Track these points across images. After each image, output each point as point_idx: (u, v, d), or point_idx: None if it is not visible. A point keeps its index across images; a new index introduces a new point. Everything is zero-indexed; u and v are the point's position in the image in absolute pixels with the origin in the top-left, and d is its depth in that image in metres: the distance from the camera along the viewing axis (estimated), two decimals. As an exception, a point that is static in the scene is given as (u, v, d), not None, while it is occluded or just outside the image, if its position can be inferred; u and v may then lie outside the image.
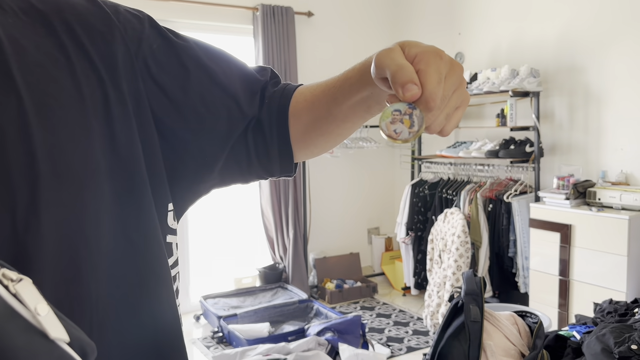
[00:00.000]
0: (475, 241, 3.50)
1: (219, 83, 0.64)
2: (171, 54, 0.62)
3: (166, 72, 0.60)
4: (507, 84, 3.47)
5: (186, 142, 0.62)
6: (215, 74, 0.64)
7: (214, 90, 0.64)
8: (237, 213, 4.56)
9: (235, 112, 0.65)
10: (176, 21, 3.94)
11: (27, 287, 0.33)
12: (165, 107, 0.60)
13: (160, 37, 0.63)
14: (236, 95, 0.65)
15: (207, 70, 0.64)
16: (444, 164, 4.10)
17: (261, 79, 0.69)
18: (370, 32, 4.77)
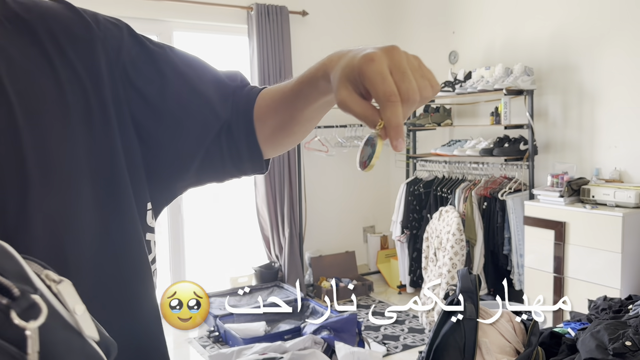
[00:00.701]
0: (470, 239, 3.52)
1: (194, 88, 0.67)
2: (149, 61, 0.65)
3: (144, 78, 0.63)
4: (501, 83, 3.48)
5: (164, 144, 0.64)
6: (190, 80, 0.68)
7: (190, 95, 0.67)
8: (232, 212, 4.55)
9: (209, 115, 0.68)
10: (170, 21, 3.93)
11: (67, 288, 0.37)
12: (144, 112, 0.62)
13: (138, 45, 0.65)
14: (210, 100, 0.68)
15: (183, 76, 0.67)
16: (438, 162, 4.11)
17: (231, 83, 0.72)
18: (364, 31, 4.77)
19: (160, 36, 3.93)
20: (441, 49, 4.38)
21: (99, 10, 0.67)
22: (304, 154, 4.44)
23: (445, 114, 4.15)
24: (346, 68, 0.56)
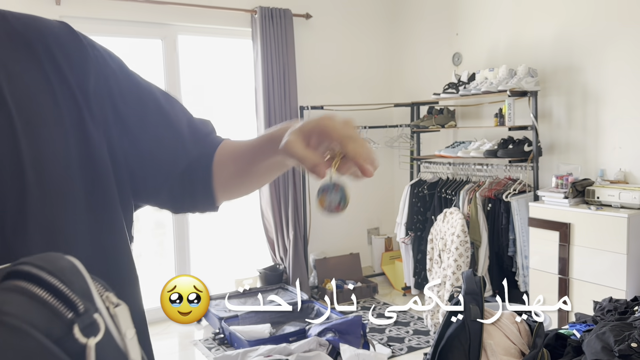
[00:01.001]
0: (474, 241, 3.51)
1: (170, 124, 0.73)
2: (135, 91, 0.70)
3: (129, 107, 0.68)
4: (505, 84, 3.48)
5: (133, 169, 0.69)
6: (168, 116, 0.73)
7: (166, 129, 0.72)
8: (237, 214, 4.56)
9: (180, 151, 0.73)
10: (175, 24, 3.95)
11: (122, 312, 0.40)
12: (123, 137, 0.67)
13: (128, 77, 0.71)
14: (183, 137, 0.74)
15: (162, 111, 0.73)
16: (442, 164, 4.11)
17: (203, 128, 0.78)
18: (368, 34, 4.78)
19: (165, 40, 3.95)
20: (445, 51, 4.38)
21: (107, 14, 0.70)
22: (308, 156, 4.44)
23: (449, 115, 4.15)
24: (304, 124, 0.62)
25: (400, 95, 4.80)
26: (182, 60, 4.04)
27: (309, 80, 4.45)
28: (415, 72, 4.72)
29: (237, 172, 0.76)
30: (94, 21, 3.61)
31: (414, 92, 4.62)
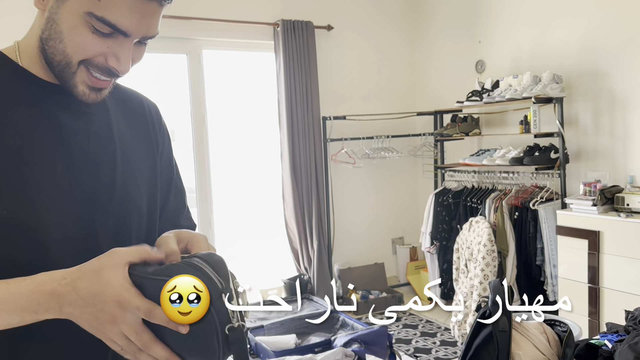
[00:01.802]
0: (501, 250, 3.47)
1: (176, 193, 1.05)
2: (171, 158, 1.03)
3: (166, 169, 1.01)
4: (529, 91, 3.45)
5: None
6: (177, 185, 1.05)
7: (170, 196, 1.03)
8: (261, 225, 4.60)
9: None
10: (200, 39, 4.02)
11: (243, 294, 0.74)
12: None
13: (171, 149, 1.03)
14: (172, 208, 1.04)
15: (177, 190, 1.05)
16: (467, 172, 4.07)
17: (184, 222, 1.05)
18: (390, 43, 4.79)
19: (190, 54, 4.03)
20: (468, 59, 4.36)
21: None
22: (331, 166, 4.47)
23: (473, 123, 4.12)
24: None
25: (423, 104, 4.79)
26: (207, 73, 4.11)
27: (331, 91, 4.48)
28: (438, 80, 4.70)
29: None
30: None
31: (436, 101, 4.60)
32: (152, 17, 0.79)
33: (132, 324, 0.67)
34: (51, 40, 0.78)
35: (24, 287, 0.68)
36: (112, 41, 0.77)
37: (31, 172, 0.77)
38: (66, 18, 0.76)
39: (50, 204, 0.77)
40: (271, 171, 4.46)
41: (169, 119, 3.97)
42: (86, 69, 0.79)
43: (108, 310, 0.67)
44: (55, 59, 0.78)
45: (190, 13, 3.85)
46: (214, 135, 4.18)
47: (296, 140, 4.22)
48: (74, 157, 0.82)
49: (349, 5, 4.56)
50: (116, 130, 0.89)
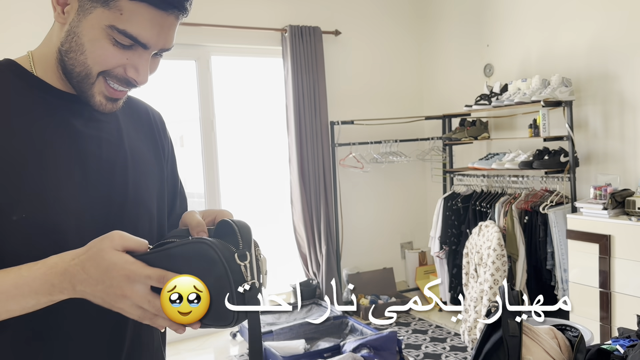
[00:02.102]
0: (511, 254, 3.45)
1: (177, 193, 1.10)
2: (175, 165, 1.08)
3: (171, 176, 1.05)
4: (538, 94, 3.44)
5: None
6: (182, 192, 1.10)
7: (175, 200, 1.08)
8: (270, 230, 4.60)
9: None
10: (208, 45, 4.04)
11: (263, 261, 0.80)
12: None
13: (174, 157, 1.08)
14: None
15: (182, 197, 1.10)
16: (476, 177, 4.06)
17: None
18: (397, 48, 4.80)
19: (199, 60, 4.05)
20: (476, 62, 4.36)
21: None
22: (339, 171, 4.46)
23: (482, 127, 4.11)
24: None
25: (431, 108, 4.78)
26: (215, 79, 4.13)
27: (339, 96, 4.48)
28: (446, 84, 4.70)
29: None
30: (131, 44, 3.73)
31: (445, 105, 4.59)
32: (169, 30, 0.83)
33: (143, 294, 0.69)
34: (72, 52, 0.81)
35: (36, 271, 0.71)
36: (132, 53, 0.81)
37: (49, 176, 0.80)
38: (88, 31, 0.79)
39: (69, 206, 0.81)
40: (279, 176, 4.47)
41: (178, 124, 4.01)
42: (104, 80, 0.82)
43: (117, 285, 0.69)
44: (75, 70, 0.82)
45: (198, 20, 3.87)
46: (223, 140, 4.20)
47: (304, 145, 4.22)
48: (89, 162, 0.86)
49: (357, 10, 4.57)
50: (126, 137, 0.94)
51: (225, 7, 4.01)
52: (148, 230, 0.93)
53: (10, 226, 0.76)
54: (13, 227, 0.76)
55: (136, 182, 0.92)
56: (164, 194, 1.00)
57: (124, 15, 0.78)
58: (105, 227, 0.84)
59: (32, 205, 0.78)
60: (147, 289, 0.70)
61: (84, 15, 0.79)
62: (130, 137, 0.95)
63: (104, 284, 0.69)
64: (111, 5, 0.78)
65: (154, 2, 0.78)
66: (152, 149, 1.00)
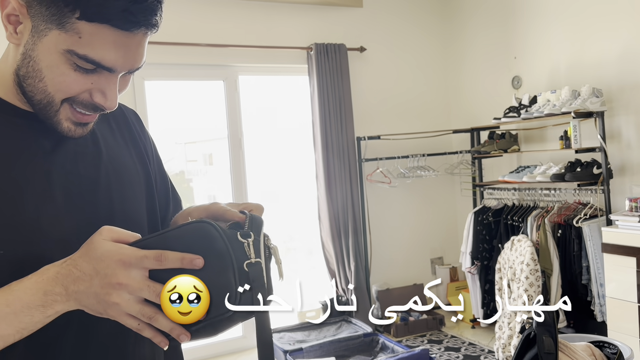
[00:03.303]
0: (545, 269, 3.37)
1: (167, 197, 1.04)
2: (162, 164, 1.02)
3: (160, 177, 0.99)
4: (568, 106, 3.38)
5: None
6: (175, 194, 1.05)
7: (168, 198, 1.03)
8: (298, 246, 4.61)
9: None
10: (236, 65, 4.11)
11: (275, 250, 0.78)
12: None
13: (159, 155, 1.02)
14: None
15: (165, 183, 1.03)
16: (507, 190, 3.99)
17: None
18: (423, 62, 4.79)
19: (227, 80, 4.12)
20: (503, 75, 4.32)
21: (173, 59, 1.26)
22: (367, 186, 4.45)
23: (512, 139, 4.05)
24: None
25: (458, 121, 4.75)
26: (243, 98, 4.19)
27: (366, 111, 4.49)
28: (474, 97, 4.66)
29: None
30: (162, 66, 3.83)
31: (472, 118, 4.55)
32: (137, 49, 0.74)
33: (140, 279, 0.65)
34: (29, 78, 0.73)
35: (27, 281, 0.66)
36: (97, 77, 0.73)
37: (25, 205, 0.73)
38: (44, 56, 0.71)
39: (50, 234, 0.74)
40: (307, 192, 4.48)
41: (207, 143, 4.07)
42: (70, 106, 0.74)
43: (111, 273, 0.64)
44: (36, 97, 0.74)
45: (226, 41, 3.95)
46: (251, 158, 4.25)
47: (331, 161, 4.23)
48: (68, 183, 0.78)
49: (381, 27, 4.59)
50: (104, 146, 0.86)
51: (252, 28, 4.08)
52: None
53: None
54: None
55: (122, 196, 0.85)
56: (154, 200, 0.93)
57: (83, 38, 0.69)
58: None
59: (10, 240, 0.70)
60: (144, 273, 0.65)
61: (38, 38, 0.70)
62: (108, 146, 0.87)
63: (98, 275, 0.64)
64: (67, 28, 0.68)
65: (116, 23, 0.69)
66: (134, 153, 0.91)
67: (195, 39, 3.86)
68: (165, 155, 4.37)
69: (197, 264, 0.66)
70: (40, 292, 0.65)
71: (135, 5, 0.69)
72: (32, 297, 0.65)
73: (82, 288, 0.65)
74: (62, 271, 0.66)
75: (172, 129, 4.25)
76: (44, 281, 0.66)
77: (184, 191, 4.61)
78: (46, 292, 0.65)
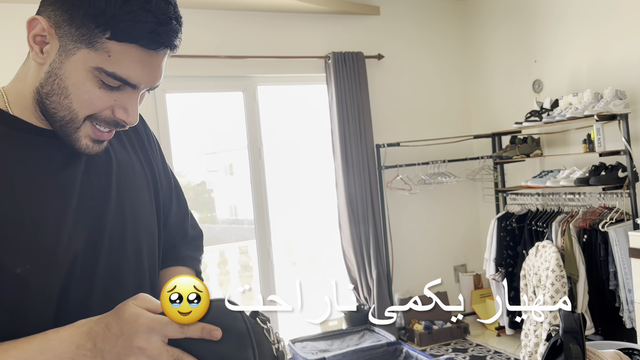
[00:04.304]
0: (571, 275, 3.30)
1: (179, 206, 1.08)
2: (166, 165, 1.05)
3: (166, 178, 1.03)
4: (591, 108, 3.32)
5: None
6: (179, 194, 1.08)
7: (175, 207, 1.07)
8: (319, 254, 4.60)
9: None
10: (255, 76, 4.15)
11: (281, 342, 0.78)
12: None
13: (164, 156, 1.05)
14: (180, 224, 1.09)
15: (178, 192, 1.07)
16: (530, 195, 3.93)
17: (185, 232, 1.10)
18: (442, 68, 4.77)
19: (246, 91, 4.16)
20: (523, 79, 4.27)
21: (193, 72, 1.38)
22: (387, 194, 4.43)
23: (534, 144, 4.00)
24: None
25: (479, 127, 4.70)
26: (262, 108, 4.22)
27: (385, 118, 4.48)
28: (494, 102, 4.62)
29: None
30: (181, 79, 3.88)
31: (493, 123, 4.51)
32: (159, 67, 0.79)
33: (160, 345, 0.67)
34: (54, 95, 0.76)
35: (63, 332, 0.70)
36: (120, 94, 0.77)
37: (45, 223, 0.76)
38: (72, 74, 0.75)
39: (69, 246, 0.78)
40: (327, 201, 4.48)
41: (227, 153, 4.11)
42: (91, 124, 0.78)
43: (134, 335, 0.67)
44: (59, 114, 0.77)
45: (245, 52, 4.00)
46: (270, 167, 4.27)
47: (350, 169, 4.23)
48: (81, 194, 0.82)
49: (399, 34, 4.59)
50: (113, 153, 0.89)
51: (270, 39, 4.11)
52: (151, 247, 0.92)
53: (14, 279, 0.73)
54: (17, 279, 0.73)
55: (133, 201, 0.89)
56: (159, 204, 0.97)
57: (112, 57, 0.73)
58: (110, 255, 0.83)
59: (31, 257, 0.74)
60: (164, 340, 0.67)
61: (66, 57, 0.75)
62: (117, 152, 0.90)
63: (123, 336, 0.67)
64: (97, 47, 0.73)
65: (144, 43, 0.74)
66: (141, 156, 0.95)
67: (214, 51, 3.90)
68: (186, 166, 4.41)
69: (215, 335, 0.68)
70: (73, 345, 0.68)
71: (161, 27, 0.74)
72: (66, 349, 0.68)
73: (107, 347, 0.68)
74: (95, 328, 0.69)
75: (192, 140, 4.30)
76: (78, 335, 0.69)
77: (206, 201, 4.65)
78: (79, 346, 0.69)
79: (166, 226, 1.03)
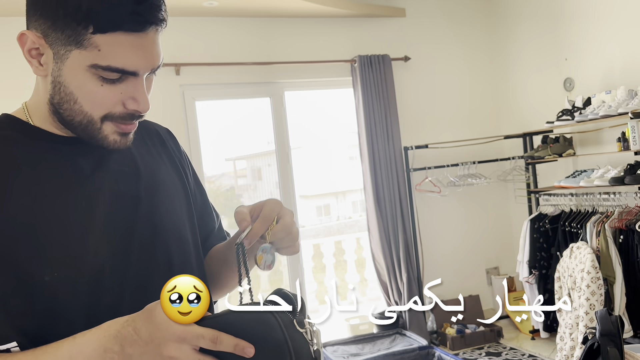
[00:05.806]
0: (607, 277, 3.22)
1: (205, 208, 1.07)
2: (197, 178, 1.05)
3: (197, 189, 1.03)
4: (625, 106, 3.24)
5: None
6: (205, 202, 1.07)
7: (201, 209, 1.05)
8: (348, 257, 4.59)
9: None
10: (282, 82, 4.18)
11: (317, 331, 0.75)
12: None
13: (194, 170, 1.05)
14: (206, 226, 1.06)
15: (204, 197, 1.06)
16: (564, 196, 3.85)
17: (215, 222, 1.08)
18: (470, 68, 4.72)
19: (273, 97, 4.19)
20: (554, 77, 4.19)
21: (221, 79, 1.28)
22: (416, 196, 4.40)
23: (566, 143, 3.92)
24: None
25: (509, 127, 4.63)
26: (289, 113, 4.26)
27: (412, 120, 4.46)
28: (524, 102, 4.54)
29: (209, 274, 0.99)
30: (210, 86, 3.94)
31: (524, 123, 4.44)
32: (153, 47, 0.77)
33: (191, 354, 0.66)
34: (64, 103, 0.77)
35: (91, 336, 0.70)
36: (124, 85, 0.77)
37: (74, 230, 0.77)
38: (72, 78, 0.75)
39: (98, 253, 0.78)
40: (356, 204, 4.47)
41: (255, 158, 4.16)
42: (111, 122, 0.79)
43: (164, 344, 0.66)
44: (75, 119, 0.78)
45: (271, 58, 4.04)
46: (299, 171, 4.29)
47: (378, 172, 4.22)
48: (108, 201, 0.82)
49: (425, 35, 4.56)
50: (141, 164, 0.90)
51: (296, 45, 4.14)
52: (183, 254, 0.90)
53: (43, 287, 0.73)
54: (46, 286, 0.74)
55: (164, 209, 0.89)
56: (193, 213, 0.96)
57: (102, 50, 0.73)
58: (139, 262, 0.83)
59: (61, 264, 0.75)
60: (195, 350, 0.66)
61: (62, 62, 0.75)
62: (145, 162, 0.91)
63: (153, 342, 0.66)
64: (86, 45, 0.73)
65: (128, 27, 0.73)
66: (171, 169, 0.95)
67: (241, 58, 3.95)
68: (216, 171, 4.47)
69: (248, 353, 0.66)
70: (101, 349, 0.68)
71: (140, 5, 0.73)
72: (94, 352, 0.68)
73: (136, 352, 0.67)
74: (122, 331, 0.68)
75: (222, 146, 4.36)
76: (106, 338, 0.69)
77: (235, 207, 4.69)
78: (106, 350, 0.68)
79: (209, 238, 1.05)
